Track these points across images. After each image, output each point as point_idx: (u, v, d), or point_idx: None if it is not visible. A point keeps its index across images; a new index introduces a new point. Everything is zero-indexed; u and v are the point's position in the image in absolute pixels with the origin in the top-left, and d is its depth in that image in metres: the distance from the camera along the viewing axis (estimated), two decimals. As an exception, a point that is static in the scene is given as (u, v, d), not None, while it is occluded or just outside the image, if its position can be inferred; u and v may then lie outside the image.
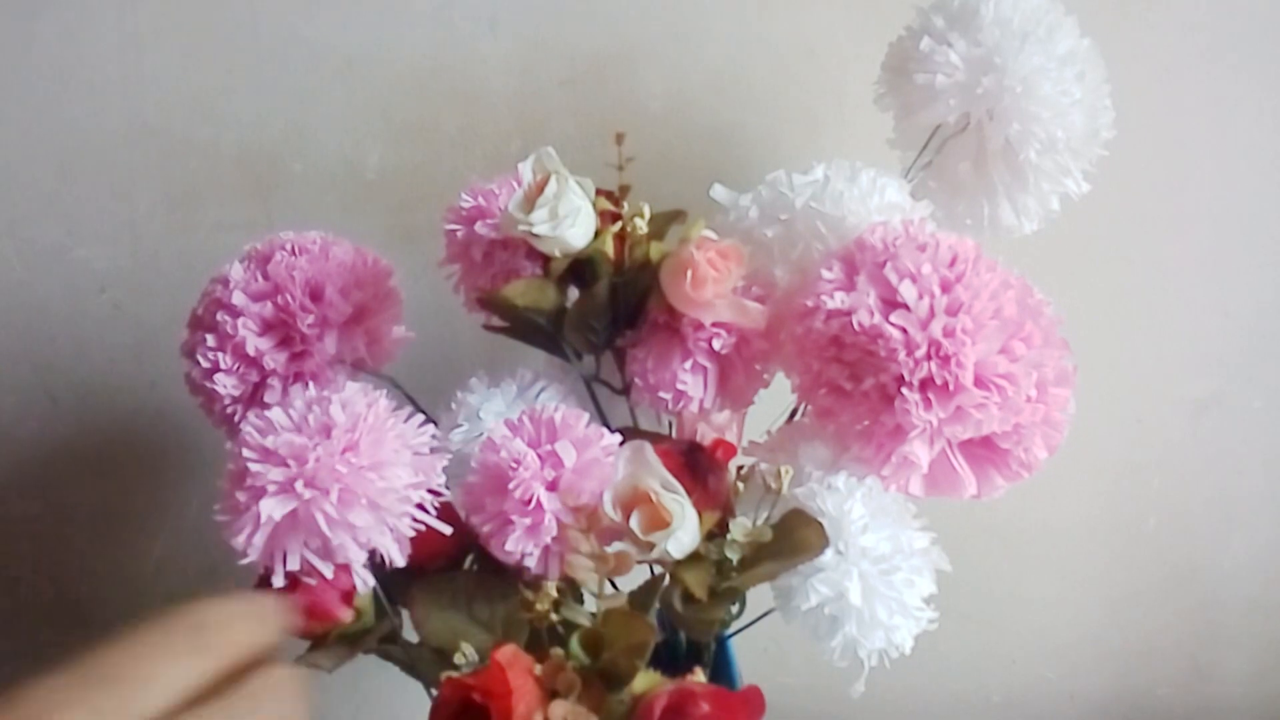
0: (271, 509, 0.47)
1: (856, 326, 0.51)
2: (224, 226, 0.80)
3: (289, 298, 0.57)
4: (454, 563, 0.55)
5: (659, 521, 0.48)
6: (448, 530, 0.50)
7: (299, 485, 0.47)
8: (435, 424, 0.61)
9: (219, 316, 0.58)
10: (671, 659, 0.61)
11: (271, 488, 0.47)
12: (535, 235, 0.56)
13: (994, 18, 0.60)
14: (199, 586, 0.85)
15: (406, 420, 0.51)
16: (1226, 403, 0.87)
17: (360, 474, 0.48)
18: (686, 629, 0.52)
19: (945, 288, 0.51)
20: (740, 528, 0.51)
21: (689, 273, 0.55)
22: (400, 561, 0.49)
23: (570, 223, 0.55)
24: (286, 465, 0.47)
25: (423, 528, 0.50)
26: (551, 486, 0.50)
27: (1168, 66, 0.80)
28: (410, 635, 0.54)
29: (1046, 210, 0.64)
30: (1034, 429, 0.52)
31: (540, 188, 0.56)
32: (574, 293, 0.60)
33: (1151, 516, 0.89)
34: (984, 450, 0.54)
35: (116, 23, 0.78)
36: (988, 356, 0.51)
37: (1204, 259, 0.85)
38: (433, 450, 0.51)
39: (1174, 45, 0.80)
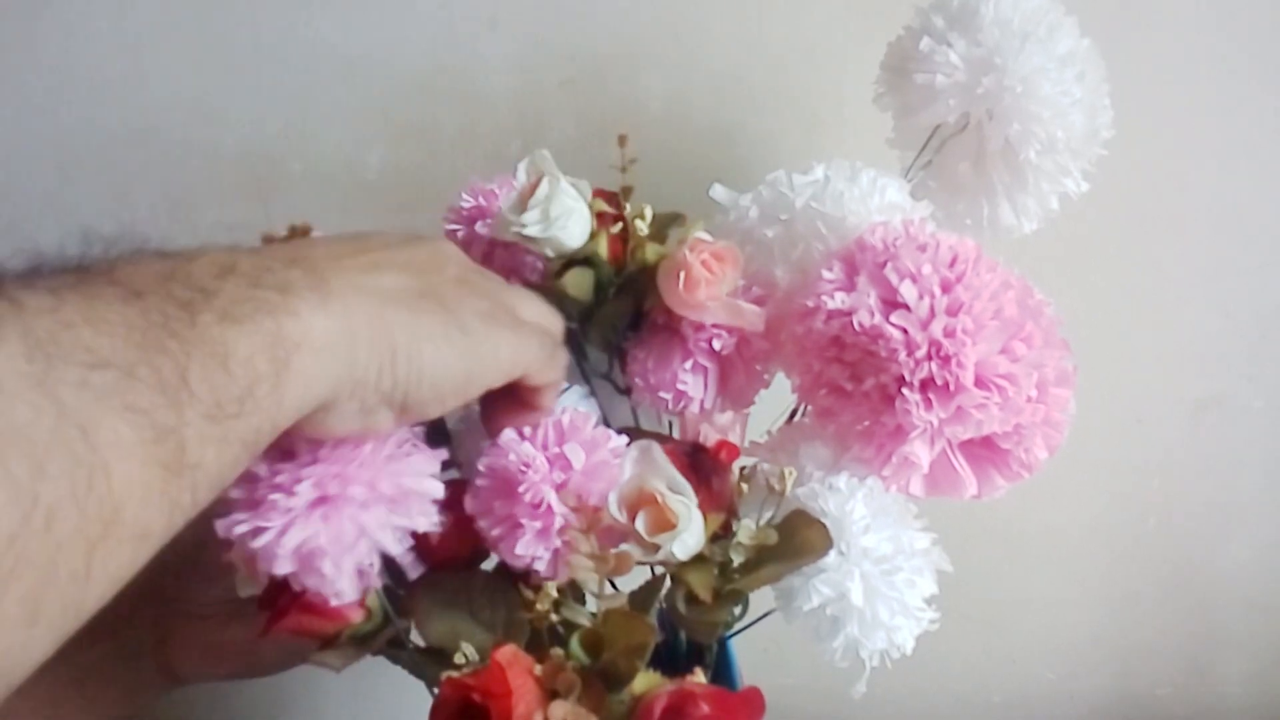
0: (292, 509, 0.46)
1: (857, 327, 0.51)
2: (224, 227, 0.80)
3: None
4: (468, 566, 0.55)
5: (664, 523, 0.48)
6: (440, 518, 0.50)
7: (323, 485, 0.47)
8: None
9: None
10: (672, 659, 0.61)
11: (295, 488, 0.47)
12: (526, 237, 0.56)
13: (994, 18, 0.60)
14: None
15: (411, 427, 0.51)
16: (1227, 403, 0.87)
17: (381, 473, 0.48)
18: (690, 631, 0.52)
19: (946, 288, 0.51)
20: (746, 530, 0.51)
21: (681, 275, 0.55)
22: (412, 574, 0.49)
23: (562, 224, 0.56)
24: (307, 464, 0.47)
25: (438, 527, 0.50)
26: (561, 489, 0.50)
27: (1168, 66, 0.80)
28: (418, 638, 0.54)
29: (1046, 210, 0.64)
30: (1034, 429, 0.52)
31: (533, 189, 0.56)
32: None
33: (1151, 517, 0.89)
34: (984, 450, 0.54)
35: (116, 23, 0.78)
36: (988, 357, 0.51)
37: (1204, 259, 0.85)
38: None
39: (1174, 45, 0.80)
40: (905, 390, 0.51)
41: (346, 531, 0.47)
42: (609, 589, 0.46)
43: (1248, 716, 0.93)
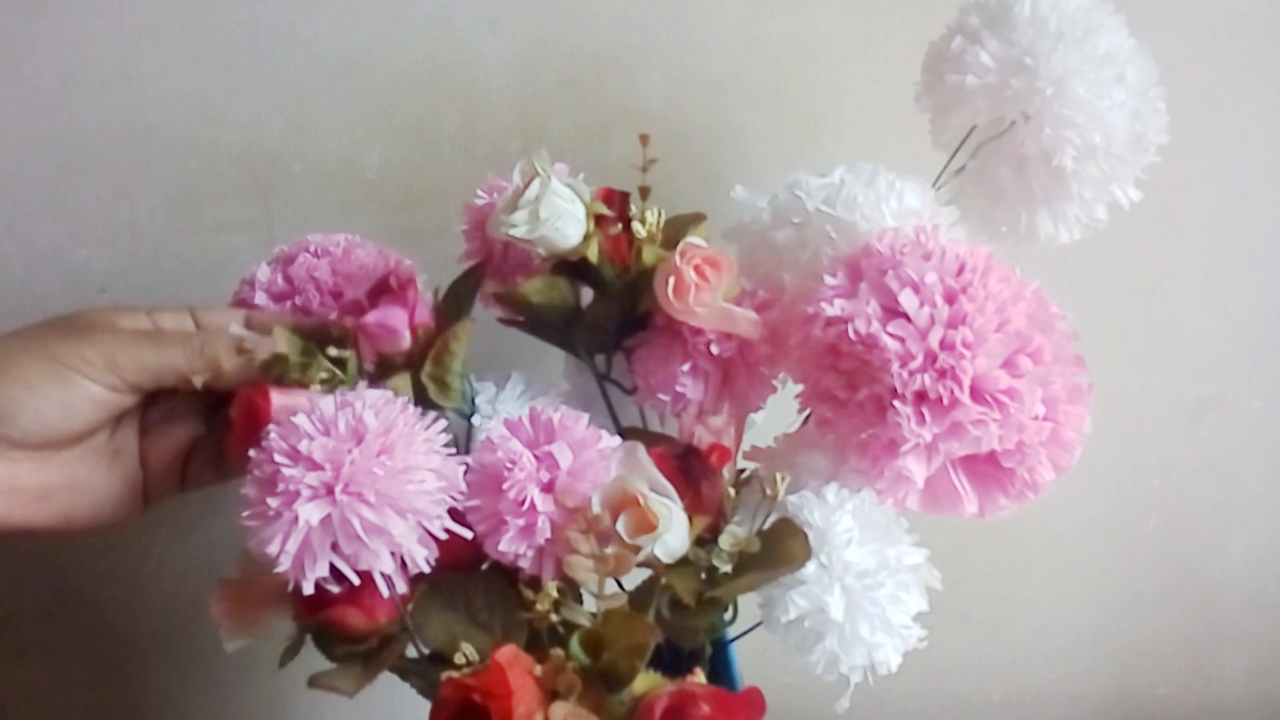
0: (309, 514, 0.46)
1: (853, 335, 0.50)
2: (224, 226, 0.80)
3: (308, 299, 0.59)
4: (469, 569, 0.55)
5: (646, 525, 0.48)
6: (469, 534, 0.50)
7: (337, 490, 0.47)
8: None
9: None
10: (672, 660, 0.61)
11: (307, 492, 0.47)
12: (515, 237, 0.56)
13: (1030, 17, 0.58)
14: (199, 586, 0.85)
15: (429, 425, 0.51)
16: (1226, 403, 0.87)
17: (395, 478, 0.48)
18: (673, 635, 0.51)
19: (949, 298, 0.50)
20: (729, 536, 0.51)
21: (670, 280, 0.55)
22: (425, 567, 0.49)
23: (553, 225, 0.56)
24: (322, 469, 0.47)
25: (448, 533, 0.50)
26: (547, 488, 0.50)
27: (1168, 66, 0.80)
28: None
29: (1091, 219, 0.61)
30: (1039, 448, 0.50)
31: (525, 189, 0.56)
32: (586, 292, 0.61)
33: (1152, 517, 0.89)
34: (989, 468, 0.52)
35: (116, 23, 0.78)
36: (989, 371, 0.49)
37: (1204, 259, 0.85)
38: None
39: (1174, 45, 0.80)
40: (897, 403, 0.49)
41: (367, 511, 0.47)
42: (611, 588, 0.46)
43: (1248, 716, 0.93)
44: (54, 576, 0.85)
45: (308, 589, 0.48)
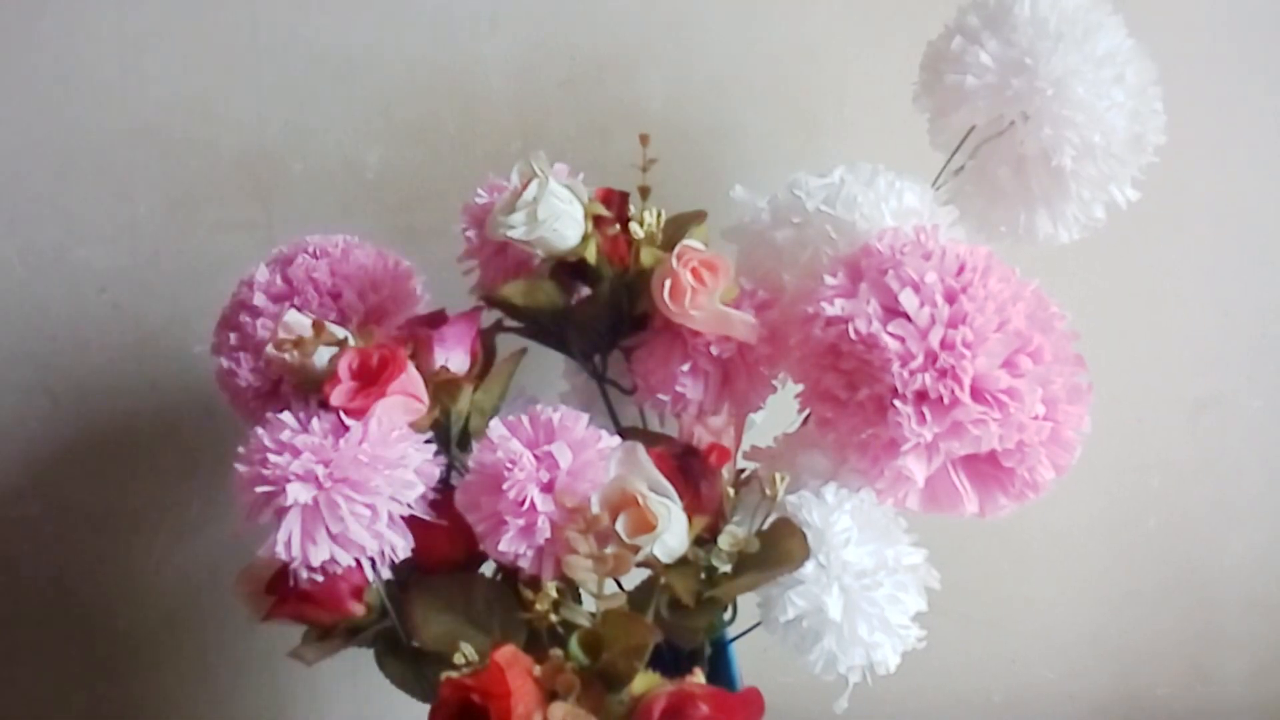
0: (297, 493, 0.48)
1: (853, 334, 0.50)
2: (224, 226, 0.80)
3: (306, 299, 0.60)
4: (463, 569, 0.55)
5: (645, 525, 0.48)
6: (427, 516, 0.52)
7: (320, 473, 0.49)
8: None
9: (241, 317, 0.60)
10: (672, 660, 0.61)
11: (293, 477, 0.49)
12: (513, 238, 0.56)
13: (1029, 17, 0.58)
14: (199, 586, 0.85)
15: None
16: (1226, 403, 0.87)
17: (376, 466, 0.49)
18: (672, 635, 0.51)
19: (950, 298, 0.50)
20: (728, 536, 0.51)
21: (667, 284, 0.55)
22: (405, 553, 0.50)
23: (550, 226, 0.56)
24: (309, 455, 0.49)
25: (432, 521, 0.51)
26: (546, 488, 0.50)
27: (1168, 66, 0.80)
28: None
29: (1090, 219, 0.61)
30: (1039, 448, 0.50)
31: (523, 191, 0.56)
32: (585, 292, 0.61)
33: (1151, 517, 0.89)
34: (989, 468, 0.52)
35: (116, 23, 0.78)
36: (989, 370, 0.49)
37: (1204, 259, 0.85)
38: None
39: (1173, 45, 0.80)
40: (897, 402, 0.49)
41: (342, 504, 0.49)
42: (611, 588, 0.46)
43: (1248, 716, 0.93)
44: (54, 577, 0.85)
45: (303, 574, 0.50)
